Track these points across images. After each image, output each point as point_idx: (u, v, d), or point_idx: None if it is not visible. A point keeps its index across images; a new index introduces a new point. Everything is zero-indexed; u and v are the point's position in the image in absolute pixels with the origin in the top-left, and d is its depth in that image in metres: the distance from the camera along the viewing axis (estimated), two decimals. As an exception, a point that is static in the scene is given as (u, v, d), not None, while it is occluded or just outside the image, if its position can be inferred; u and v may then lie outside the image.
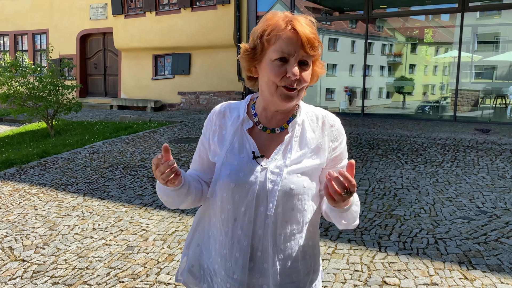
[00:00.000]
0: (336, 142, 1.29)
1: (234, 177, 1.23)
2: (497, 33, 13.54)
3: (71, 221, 4.26)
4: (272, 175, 1.22)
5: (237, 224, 1.24)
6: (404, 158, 6.18)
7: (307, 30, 1.17)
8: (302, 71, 1.19)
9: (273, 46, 1.18)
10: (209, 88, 13.04)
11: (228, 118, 1.31)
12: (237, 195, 1.23)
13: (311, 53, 1.19)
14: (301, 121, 1.28)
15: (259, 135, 1.28)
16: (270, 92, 1.21)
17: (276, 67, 1.17)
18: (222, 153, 1.28)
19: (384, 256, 3.22)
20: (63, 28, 15.97)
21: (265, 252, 1.24)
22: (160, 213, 4.36)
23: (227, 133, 1.29)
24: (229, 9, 12.29)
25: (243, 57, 1.25)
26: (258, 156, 1.24)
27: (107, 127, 9.96)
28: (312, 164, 1.25)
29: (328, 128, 1.29)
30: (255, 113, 1.30)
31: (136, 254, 3.48)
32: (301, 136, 1.26)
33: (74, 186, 5.43)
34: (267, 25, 1.19)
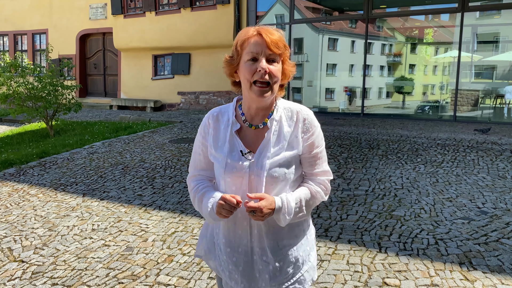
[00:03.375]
0: (308, 133, 1.53)
1: (229, 173, 1.50)
2: (497, 33, 13.53)
3: (70, 222, 4.25)
4: (257, 168, 1.47)
5: (237, 209, 1.46)
6: (404, 158, 6.17)
7: (272, 35, 1.45)
8: (270, 66, 1.44)
9: (245, 50, 1.45)
10: (209, 88, 13.02)
11: (220, 121, 1.56)
12: (234, 186, 1.51)
13: (276, 51, 1.44)
14: (279, 117, 1.53)
15: (246, 132, 1.54)
16: (247, 89, 1.47)
17: (248, 66, 1.44)
18: (218, 154, 1.53)
19: (385, 257, 3.21)
20: (62, 28, 15.95)
21: (260, 230, 1.52)
22: (160, 214, 4.35)
23: (221, 135, 1.55)
24: (229, 9, 12.27)
25: (225, 65, 1.53)
26: (246, 153, 1.50)
27: (106, 127, 9.94)
28: (290, 154, 1.50)
29: (302, 122, 1.53)
30: (242, 113, 1.55)
31: (136, 255, 3.47)
32: (279, 131, 1.51)
33: (74, 187, 5.41)
34: (240, 35, 1.49)
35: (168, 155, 6.79)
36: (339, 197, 4.60)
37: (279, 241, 1.55)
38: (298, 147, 1.52)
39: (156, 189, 5.16)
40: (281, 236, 1.55)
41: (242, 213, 1.50)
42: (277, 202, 1.45)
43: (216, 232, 1.64)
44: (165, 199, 4.79)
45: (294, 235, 1.58)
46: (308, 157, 1.54)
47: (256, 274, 1.55)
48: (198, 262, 3.27)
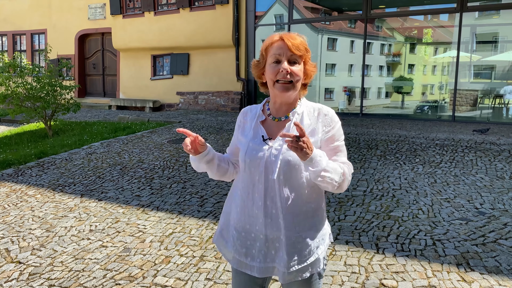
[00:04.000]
0: (329, 127, 1.66)
1: (249, 155, 1.67)
2: (496, 33, 13.52)
3: (68, 223, 4.24)
4: (275, 151, 1.62)
5: (254, 189, 1.66)
6: (403, 159, 6.16)
7: (293, 39, 1.61)
8: (292, 67, 1.61)
9: (269, 53, 1.63)
10: (208, 88, 13.01)
11: (249, 115, 1.78)
12: (252, 167, 1.66)
13: (297, 53, 1.60)
14: (301, 111, 1.68)
15: (270, 124, 1.71)
16: (271, 87, 1.64)
17: (272, 68, 1.62)
18: (243, 138, 1.74)
19: (382, 258, 3.21)
20: (61, 28, 15.94)
21: (277, 210, 1.64)
22: (158, 214, 4.34)
23: (247, 125, 1.76)
24: (228, 9, 12.26)
25: (253, 68, 1.72)
26: (266, 138, 1.67)
27: (105, 127, 9.94)
28: None
29: (323, 117, 1.67)
30: (268, 108, 1.74)
31: (133, 256, 3.47)
32: (300, 122, 1.64)
33: (72, 187, 5.41)
34: (266, 42, 1.66)
35: (166, 156, 6.79)
36: (337, 197, 4.60)
37: (294, 224, 1.65)
38: (316, 137, 1.63)
39: (154, 189, 5.15)
40: (295, 220, 1.65)
41: (259, 194, 1.66)
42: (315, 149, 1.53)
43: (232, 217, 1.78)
44: (163, 199, 4.78)
45: (306, 221, 1.67)
46: (328, 150, 1.65)
47: (272, 251, 1.68)
48: (195, 263, 3.27)
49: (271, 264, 1.68)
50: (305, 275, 1.67)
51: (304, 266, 1.66)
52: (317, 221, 1.71)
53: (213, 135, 8.40)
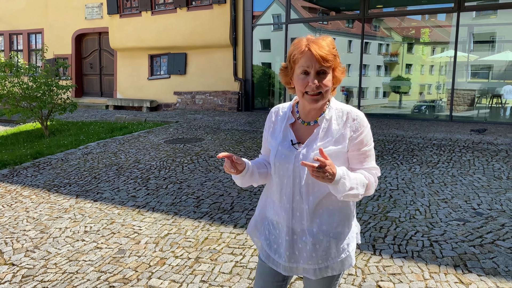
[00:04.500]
0: (358, 132, 1.65)
1: (278, 158, 1.69)
2: (493, 33, 13.52)
3: (62, 224, 4.21)
4: (303, 157, 1.64)
5: (283, 192, 1.70)
6: (400, 159, 6.14)
7: (321, 49, 1.58)
8: (321, 79, 1.60)
9: (297, 64, 1.62)
10: (205, 88, 12.98)
11: (279, 116, 1.79)
12: (281, 171, 1.69)
13: (325, 65, 1.59)
14: (330, 116, 1.68)
15: (299, 127, 1.73)
16: (300, 98, 1.67)
17: (301, 80, 1.61)
18: (273, 141, 1.75)
19: (379, 260, 3.18)
20: (58, 27, 15.87)
21: (301, 213, 1.68)
22: (153, 215, 4.31)
23: (277, 127, 1.77)
24: (225, 9, 12.22)
25: (281, 74, 1.72)
26: (295, 143, 1.69)
27: (102, 127, 9.89)
28: (334, 149, 1.63)
29: (351, 122, 1.66)
30: (298, 111, 1.74)
31: (128, 257, 3.43)
32: (328, 128, 1.66)
33: (67, 188, 5.37)
34: (293, 49, 1.64)
35: (163, 156, 6.75)
36: (334, 198, 4.57)
37: (317, 226, 1.68)
38: (344, 143, 1.64)
39: (150, 190, 5.12)
40: (319, 220, 1.68)
41: (286, 197, 1.70)
42: (339, 170, 1.54)
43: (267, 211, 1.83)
44: (158, 200, 4.75)
45: (332, 222, 1.70)
46: (356, 154, 1.66)
47: (296, 252, 1.72)
48: (190, 265, 3.24)
49: (295, 264, 1.73)
50: (334, 271, 1.73)
51: (334, 263, 1.71)
52: (345, 220, 1.73)
53: (210, 135, 8.37)
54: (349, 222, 1.75)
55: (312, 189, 1.67)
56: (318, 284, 1.78)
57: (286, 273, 1.77)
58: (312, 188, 1.67)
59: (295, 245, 1.72)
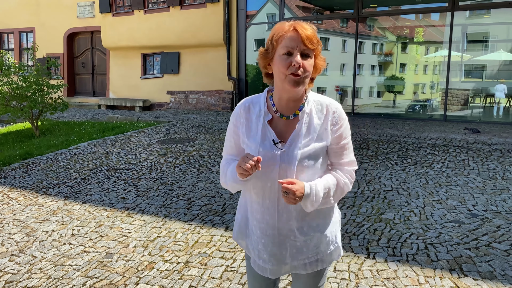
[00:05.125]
0: (337, 125, 1.60)
1: (261, 161, 1.52)
2: (487, 33, 13.53)
3: (49, 227, 4.10)
4: (289, 157, 1.55)
5: (265, 195, 1.60)
6: (394, 159, 6.08)
7: (306, 30, 1.51)
8: (304, 61, 1.51)
9: (280, 44, 1.51)
10: (199, 88, 12.87)
11: (252, 112, 1.63)
12: (264, 174, 1.57)
13: (310, 47, 1.51)
14: (309, 109, 1.59)
15: (277, 122, 1.60)
16: (281, 80, 1.52)
17: (283, 60, 1.50)
18: (250, 143, 1.61)
19: (373, 263, 3.11)
20: (50, 26, 15.69)
21: (289, 214, 1.61)
22: (143, 218, 4.21)
23: (253, 125, 1.62)
24: (219, 8, 12.12)
25: (260, 57, 1.59)
26: (278, 142, 1.57)
27: (93, 127, 9.77)
28: (319, 146, 1.57)
29: (331, 115, 1.59)
30: (274, 103, 1.62)
31: (115, 262, 3.34)
32: (309, 123, 1.58)
33: (56, 189, 5.25)
34: (276, 30, 1.55)
35: (154, 156, 6.65)
36: (328, 199, 4.49)
37: (307, 223, 1.64)
38: (327, 139, 1.59)
39: (140, 191, 5.02)
40: (309, 219, 1.64)
41: (270, 200, 1.61)
42: (306, 188, 1.52)
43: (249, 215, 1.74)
44: (149, 202, 4.65)
45: (322, 216, 1.67)
46: (335, 148, 1.62)
47: (284, 253, 1.65)
48: (179, 270, 3.15)
49: (283, 265, 1.68)
50: (325, 263, 1.71)
51: (324, 256, 1.70)
52: (331, 211, 1.71)
53: (203, 135, 8.27)
54: (334, 212, 1.74)
55: None
56: (308, 279, 1.74)
57: (273, 276, 1.71)
58: None
59: (282, 246, 1.65)
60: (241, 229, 1.79)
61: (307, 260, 1.67)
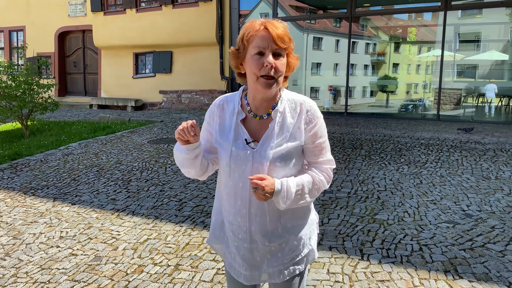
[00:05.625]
0: (312, 124, 1.55)
1: (233, 160, 1.53)
2: (478, 32, 13.59)
3: (37, 229, 4.00)
4: (261, 157, 1.50)
5: (237, 196, 1.55)
6: (388, 159, 6.05)
7: (277, 29, 1.46)
8: (276, 61, 1.46)
9: (251, 44, 1.46)
10: (191, 87, 12.78)
11: (226, 110, 1.60)
12: (236, 173, 1.54)
13: (282, 46, 1.46)
14: (283, 108, 1.55)
15: (251, 122, 1.56)
16: (253, 81, 1.49)
17: (255, 60, 1.45)
18: (223, 141, 1.57)
19: (367, 265, 3.05)
20: (40, 25, 15.50)
21: (262, 216, 1.55)
22: (133, 220, 4.13)
23: (226, 123, 1.58)
24: (211, 7, 12.04)
25: (231, 57, 1.54)
26: (250, 141, 1.53)
27: (84, 127, 9.65)
28: (292, 145, 1.52)
29: (305, 113, 1.55)
30: (247, 103, 1.57)
31: (104, 265, 3.26)
32: (282, 122, 1.54)
33: (45, 190, 5.15)
34: (246, 29, 1.49)
35: (146, 157, 6.56)
36: (321, 199, 4.44)
37: (282, 225, 1.58)
38: (301, 138, 1.54)
39: (130, 192, 4.93)
40: (284, 220, 1.58)
41: (242, 201, 1.55)
42: (277, 184, 1.47)
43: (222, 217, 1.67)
44: (139, 203, 4.56)
45: (297, 217, 1.62)
46: (311, 147, 1.57)
47: (257, 258, 1.59)
48: (169, 273, 3.07)
49: (257, 272, 1.62)
50: (300, 267, 1.65)
51: (299, 259, 1.63)
52: (307, 212, 1.66)
53: (195, 135, 8.18)
54: (310, 213, 1.68)
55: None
56: (286, 286, 1.67)
57: (247, 282, 1.64)
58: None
59: (255, 251, 1.59)
60: (216, 233, 1.72)
61: (282, 267, 1.61)
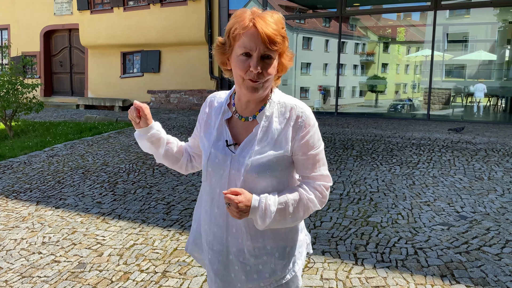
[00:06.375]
0: (302, 132, 1.35)
1: (211, 163, 1.39)
2: (466, 33, 13.64)
3: (18, 234, 3.84)
4: (239, 163, 1.34)
5: (214, 204, 1.41)
6: (379, 159, 5.98)
7: (268, 28, 1.26)
8: (265, 64, 1.28)
9: (238, 42, 1.28)
10: (180, 87, 12.62)
11: (213, 108, 1.47)
12: (214, 178, 1.40)
13: (272, 48, 1.27)
14: (270, 112, 1.37)
15: (236, 123, 1.41)
16: (239, 84, 1.34)
17: (241, 62, 1.28)
18: (205, 140, 1.44)
19: (361, 270, 2.96)
20: (25, 23, 15.20)
21: (239, 229, 1.39)
22: (119, 224, 3.98)
23: (211, 121, 1.45)
24: (200, 5, 11.90)
25: (216, 51, 1.37)
26: (231, 144, 1.37)
27: (70, 127, 9.44)
28: (275, 154, 1.34)
29: (294, 119, 1.35)
30: (234, 103, 1.43)
31: (88, 272, 3.12)
32: (268, 128, 1.36)
33: (27, 194, 4.98)
34: (234, 22, 1.30)
35: (133, 158, 6.40)
36: (313, 202, 4.34)
37: (260, 244, 1.41)
38: (286, 147, 1.35)
39: (117, 195, 4.78)
40: (262, 239, 1.40)
41: (219, 209, 1.41)
42: (254, 201, 1.29)
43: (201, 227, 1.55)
44: (125, 207, 4.42)
45: (280, 238, 1.43)
46: (302, 159, 1.38)
47: (232, 274, 1.44)
48: (157, 280, 2.95)
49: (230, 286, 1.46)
50: None
51: (279, 286, 1.44)
52: (291, 234, 1.45)
53: (185, 135, 8.04)
54: (297, 235, 1.48)
55: None
56: None
57: None
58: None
59: (229, 266, 1.43)
60: (197, 241, 1.59)
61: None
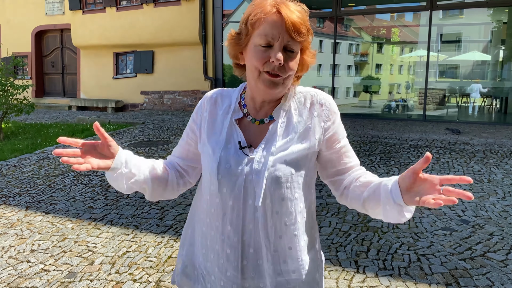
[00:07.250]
0: (329, 121, 1.20)
1: (221, 169, 1.17)
2: (460, 33, 13.64)
3: (6, 242, 3.70)
4: (257, 165, 1.14)
5: (226, 219, 1.18)
6: (377, 161, 5.88)
7: (294, 15, 1.10)
8: (287, 58, 1.12)
9: (257, 30, 1.11)
10: (174, 88, 12.47)
11: (219, 106, 1.25)
12: (225, 188, 1.17)
13: (297, 39, 1.11)
14: (288, 106, 1.20)
15: (248, 126, 1.21)
16: (254, 78, 1.14)
17: (259, 52, 1.11)
18: (211, 144, 1.21)
19: (363, 278, 2.85)
20: (16, 23, 14.97)
21: (258, 249, 1.17)
22: (111, 230, 3.85)
23: (217, 122, 1.24)
24: (194, 5, 11.77)
25: (229, 43, 1.19)
26: (245, 146, 1.17)
27: (62, 129, 9.29)
28: (299, 149, 1.16)
29: (318, 108, 1.20)
30: (245, 104, 1.23)
31: (78, 282, 2.98)
32: (287, 122, 1.18)
33: (17, 198, 4.83)
34: (253, 9, 1.13)
35: (126, 161, 6.26)
36: (311, 206, 4.24)
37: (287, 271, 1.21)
38: (312, 139, 1.18)
39: (109, 200, 4.65)
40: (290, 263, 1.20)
41: (232, 226, 1.17)
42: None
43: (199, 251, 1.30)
44: (118, 212, 4.29)
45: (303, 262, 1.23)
46: (333, 153, 1.22)
47: None
48: (150, 291, 2.83)
49: None
50: None
51: None
52: (314, 254, 1.27)
53: (178, 137, 7.91)
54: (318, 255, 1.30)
55: (273, 212, 1.16)
56: None
57: None
58: (273, 210, 1.15)
59: None
60: (187, 270, 1.35)
61: None
